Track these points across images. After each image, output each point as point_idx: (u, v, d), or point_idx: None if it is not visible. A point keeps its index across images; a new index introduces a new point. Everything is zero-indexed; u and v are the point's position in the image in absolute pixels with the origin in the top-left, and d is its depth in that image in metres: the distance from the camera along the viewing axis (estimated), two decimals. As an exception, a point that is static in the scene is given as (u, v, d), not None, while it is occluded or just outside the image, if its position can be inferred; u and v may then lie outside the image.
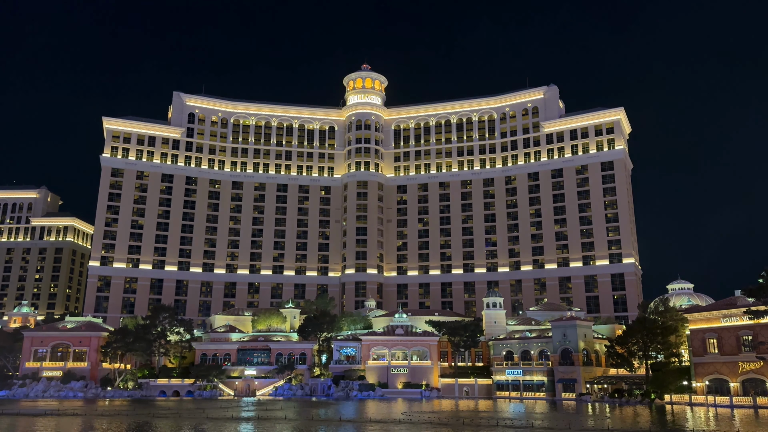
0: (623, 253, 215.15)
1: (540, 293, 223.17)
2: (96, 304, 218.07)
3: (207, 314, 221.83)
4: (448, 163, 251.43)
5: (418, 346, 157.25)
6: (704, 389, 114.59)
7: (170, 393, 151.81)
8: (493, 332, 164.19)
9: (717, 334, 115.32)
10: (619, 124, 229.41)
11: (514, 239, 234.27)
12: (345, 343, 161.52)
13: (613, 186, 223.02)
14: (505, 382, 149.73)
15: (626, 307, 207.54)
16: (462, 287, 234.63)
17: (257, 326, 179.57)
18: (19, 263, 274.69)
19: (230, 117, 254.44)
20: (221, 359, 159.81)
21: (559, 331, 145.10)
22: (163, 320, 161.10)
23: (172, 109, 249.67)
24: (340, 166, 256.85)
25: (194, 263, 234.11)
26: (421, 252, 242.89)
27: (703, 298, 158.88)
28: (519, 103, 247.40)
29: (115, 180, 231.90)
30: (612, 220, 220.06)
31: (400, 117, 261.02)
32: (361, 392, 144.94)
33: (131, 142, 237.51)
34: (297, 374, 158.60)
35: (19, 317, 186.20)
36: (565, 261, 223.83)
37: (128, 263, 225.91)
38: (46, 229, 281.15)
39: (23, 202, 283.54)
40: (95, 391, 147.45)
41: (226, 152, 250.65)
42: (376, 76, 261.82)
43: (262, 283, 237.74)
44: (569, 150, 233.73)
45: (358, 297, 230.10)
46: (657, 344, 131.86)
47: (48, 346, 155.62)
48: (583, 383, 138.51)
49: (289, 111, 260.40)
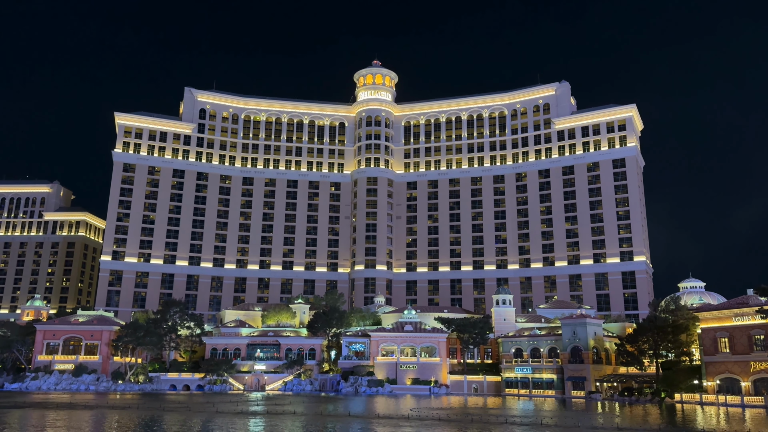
0: (634, 251, 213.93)
1: (550, 291, 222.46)
2: (107, 298, 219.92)
3: (217, 309, 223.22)
4: (458, 159, 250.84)
5: (427, 342, 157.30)
6: (715, 388, 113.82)
7: (180, 387, 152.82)
8: (503, 329, 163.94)
9: (728, 333, 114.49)
10: (631, 121, 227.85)
11: (524, 236, 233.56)
12: (354, 339, 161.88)
13: (625, 183, 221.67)
14: (515, 379, 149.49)
15: (637, 306, 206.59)
16: (471, 284, 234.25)
17: (267, 321, 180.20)
18: (32, 257, 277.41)
19: (241, 113, 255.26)
20: (231, 354, 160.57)
21: (569, 329, 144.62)
22: (173, 315, 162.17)
23: (183, 105, 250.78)
24: (350, 162, 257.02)
25: (205, 258, 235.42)
26: (431, 249, 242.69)
27: (715, 297, 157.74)
28: (530, 100, 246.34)
29: (127, 175, 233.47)
30: (623, 218, 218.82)
31: (411, 113, 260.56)
32: (370, 388, 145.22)
33: (143, 138, 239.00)
34: (306, 369, 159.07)
35: (32, 311, 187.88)
36: (575, 259, 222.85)
37: (140, 258, 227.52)
38: (59, 223, 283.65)
39: (36, 197, 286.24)
40: (106, 384, 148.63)
41: (237, 148, 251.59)
42: (387, 72, 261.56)
43: (272, 279, 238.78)
44: (581, 147, 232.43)
45: (367, 293, 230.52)
46: (668, 343, 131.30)
47: (60, 339, 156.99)
48: (592, 381, 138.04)
49: (300, 107, 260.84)
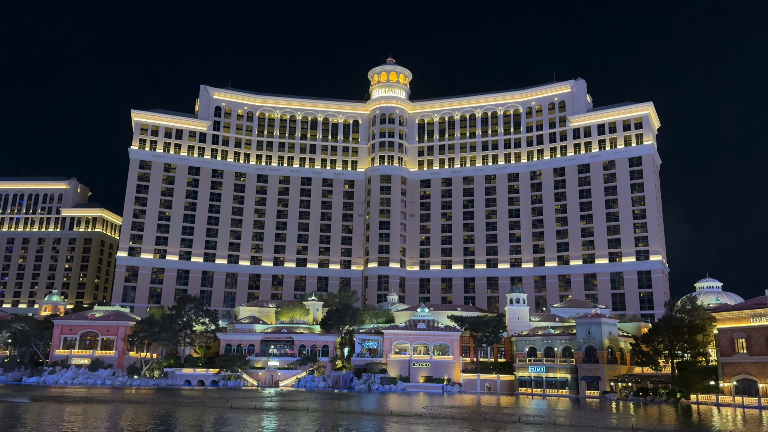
0: (650, 251, 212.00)
1: (564, 290, 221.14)
2: (123, 293, 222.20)
3: (231, 305, 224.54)
4: (472, 157, 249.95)
5: (440, 340, 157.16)
6: (732, 390, 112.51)
7: (195, 382, 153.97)
8: (516, 328, 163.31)
9: (746, 334, 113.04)
10: (648, 119, 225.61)
11: (538, 235, 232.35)
12: (367, 337, 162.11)
13: (641, 182, 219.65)
14: (528, 378, 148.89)
15: (652, 305, 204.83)
16: (485, 283, 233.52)
17: (281, 318, 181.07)
18: (50, 253, 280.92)
19: (256, 111, 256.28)
20: (245, 350, 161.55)
21: (583, 328, 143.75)
22: (188, 311, 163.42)
23: (199, 103, 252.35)
24: (364, 159, 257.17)
25: (219, 255, 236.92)
26: (444, 247, 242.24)
27: (732, 297, 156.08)
28: (545, 97, 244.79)
29: (143, 172, 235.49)
30: (639, 217, 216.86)
31: (425, 111, 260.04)
32: (382, 385, 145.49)
33: (159, 135, 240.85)
34: (319, 366, 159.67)
35: (50, 305, 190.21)
36: (590, 257, 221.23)
37: (155, 254, 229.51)
38: (76, 219, 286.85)
39: (54, 193, 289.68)
40: (122, 379, 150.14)
41: (252, 145, 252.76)
42: (401, 70, 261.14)
43: (285, 276, 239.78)
44: (596, 145, 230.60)
45: (380, 291, 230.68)
46: (683, 343, 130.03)
47: (77, 334, 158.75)
48: (607, 381, 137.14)
49: (314, 105, 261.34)
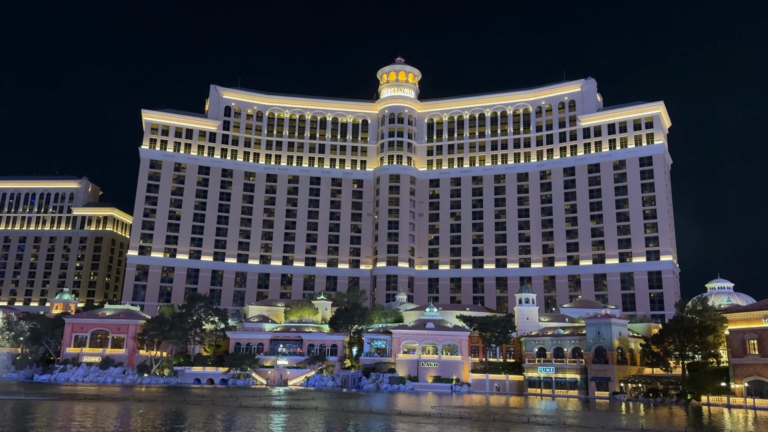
0: (661, 251, 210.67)
1: (574, 290, 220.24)
2: (134, 292, 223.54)
3: (241, 304, 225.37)
4: (481, 157, 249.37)
5: (448, 340, 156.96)
6: (743, 391, 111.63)
7: (205, 381, 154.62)
8: (525, 328, 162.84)
9: (758, 335, 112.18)
10: (658, 118, 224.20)
11: (548, 235, 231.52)
12: (376, 336, 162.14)
13: (652, 182, 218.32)
14: (537, 379, 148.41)
15: (663, 306, 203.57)
16: (494, 283, 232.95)
17: (290, 317, 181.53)
18: (61, 251, 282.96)
19: (265, 110, 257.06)
20: (254, 349, 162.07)
21: (593, 329, 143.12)
22: (198, 309, 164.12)
23: (209, 103, 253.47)
24: (373, 159, 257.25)
25: (229, 254, 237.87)
26: (453, 246, 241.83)
27: (743, 298, 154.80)
28: (555, 97, 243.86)
29: (154, 172, 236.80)
30: (650, 217, 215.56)
31: (434, 110, 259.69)
32: (391, 385, 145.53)
33: (169, 135, 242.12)
34: (328, 365, 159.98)
35: (61, 304, 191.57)
36: (600, 258, 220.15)
37: (165, 253, 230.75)
38: (87, 218, 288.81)
39: (65, 192, 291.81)
40: (132, 377, 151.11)
41: (261, 145, 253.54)
42: (410, 69, 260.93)
43: (294, 275, 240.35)
44: (607, 145, 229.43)
45: (389, 290, 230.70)
46: (694, 344, 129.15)
47: (88, 332, 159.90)
48: (617, 382, 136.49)
49: (323, 104, 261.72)
